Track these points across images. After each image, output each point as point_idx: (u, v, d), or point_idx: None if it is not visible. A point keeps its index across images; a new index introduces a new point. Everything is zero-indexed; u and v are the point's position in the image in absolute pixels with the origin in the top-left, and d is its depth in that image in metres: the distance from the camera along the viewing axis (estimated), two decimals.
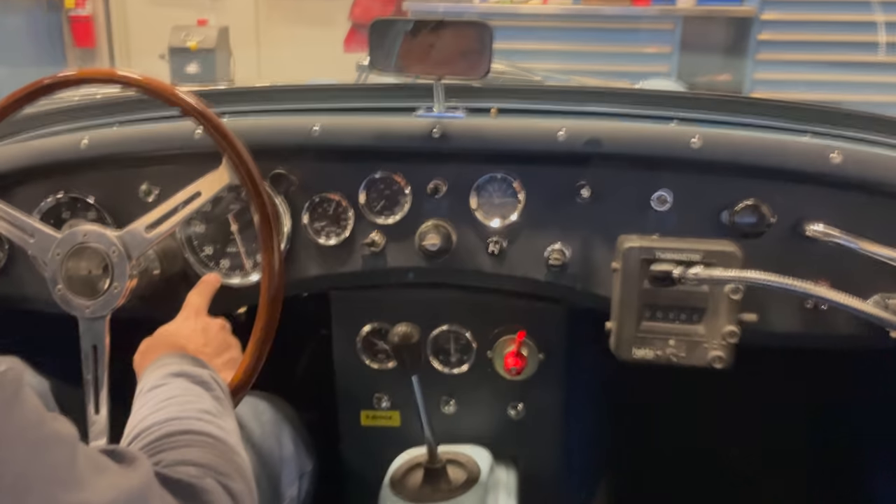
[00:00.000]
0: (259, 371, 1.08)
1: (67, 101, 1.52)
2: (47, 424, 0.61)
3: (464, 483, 1.26)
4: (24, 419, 0.59)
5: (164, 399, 0.89)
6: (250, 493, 0.82)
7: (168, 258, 1.27)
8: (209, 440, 0.83)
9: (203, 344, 1.05)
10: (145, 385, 0.93)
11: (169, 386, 0.92)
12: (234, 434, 0.88)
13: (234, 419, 0.93)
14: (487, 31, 1.14)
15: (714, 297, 1.09)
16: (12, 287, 1.34)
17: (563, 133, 1.18)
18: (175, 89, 1.07)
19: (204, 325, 1.10)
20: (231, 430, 0.88)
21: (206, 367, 0.97)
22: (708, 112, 1.37)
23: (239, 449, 0.86)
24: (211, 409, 0.89)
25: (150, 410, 0.87)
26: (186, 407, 0.87)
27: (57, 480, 0.59)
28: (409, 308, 1.30)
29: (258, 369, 1.08)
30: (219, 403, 0.92)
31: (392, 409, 1.38)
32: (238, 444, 0.87)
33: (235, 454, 0.84)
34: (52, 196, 1.29)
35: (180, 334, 1.06)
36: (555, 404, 1.36)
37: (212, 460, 0.79)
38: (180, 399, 0.89)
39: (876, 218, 1.13)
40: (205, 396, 0.91)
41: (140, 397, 0.92)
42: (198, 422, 0.85)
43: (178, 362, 0.96)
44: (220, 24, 4.94)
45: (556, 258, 1.21)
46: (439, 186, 1.23)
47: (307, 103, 1.44)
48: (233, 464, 0.82)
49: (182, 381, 0.93)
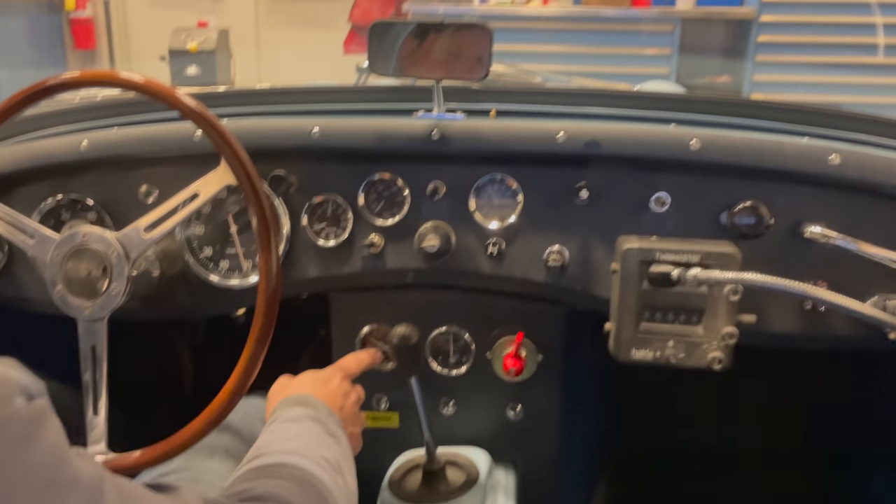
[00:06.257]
0: (257, 372, 1.08)
1: (67, 102, 1.52)
2: (65, 466, 0.56)
3: (462, 484, 1.26)
4: (34, 462, 0.54)
5: (295, 434, 0.95)
6: None
7: (167, 260, 1.27)
8: (314, 486, 0.85)
9: (339, 408, 1.09)
10: (282, 415, 1.00)
11: (303, 425, 0.98)
12: (343, 491, 0.91)
13: (353, 479, 0.97)
14: (487, 33, 1.14)
15: (713, 298, 1.09)
16: (11, 288, 1.34)
17: (563, 135, 1.18)
18: (175, 91, 1.07)
19: (346, 390, 1.14)
20: (342, 487, 0.91)
21: (339, 424, 1.03)
22: (707, 114, 1.37)
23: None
24: (331, 460, 0.92)
25: (278, 437, 0.94)
26: (311, 448, 0.92)
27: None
28: (408, 309, 1.31)
29: (256, 370, 1.08)
30: (342, 460, 0.96)
31: (391, 410, 1.38)
32: (345, 502, 0.90)
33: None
34: (51, 197, 1.30)
35: (325, 388, 1.10)
36: (554, 405, 1.36)
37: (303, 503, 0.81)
38: (308, 439, 0.94)
39: (875, 219, 1.13)
40: (333, 447, 0.96)
41: (274, 424, 0.99)
42: (315, 465, 0.88)
43: (318, 408, 1.02)
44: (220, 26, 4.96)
45: (554, 259, 1.21)
46: (438, 188, 1.23)
47: (307, 105, 1.44)
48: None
49: (316, 426, 0.98)
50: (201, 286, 1.30)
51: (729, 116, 1.37)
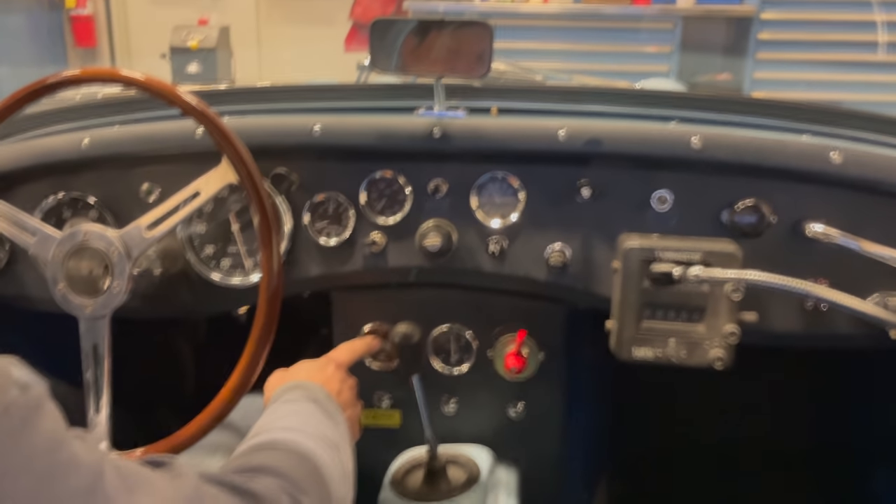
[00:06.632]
0: (258, 371, 1.08)
1: (68, 100, 1.52)
2: (64, 450, 0.58)
3: (464, 483, 1.26)
4: (33, 448, 0.55)
5: (292, 413, 0.96)
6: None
7: (169, 258, 1.27)
8: (311, 459, 0.86)
9: (337, 392, 1.09)
10: (280, 397, 1.01)
11: (301, 405, 0.98)
12: (339, 468, 0.91)
13: (350, 459, 0.97)
14: (488, 31, 1.14)
15: (714, 296, 1.09)
16: (13, 286, 1.34)
17: (564, 133, 1.18)
18: (176, 89, 1.07)
19: (341, 377, 1.14)
20: (338, 464, 0.91)
21: (336, 407, 1.03)
22: (708, 112, 1.37)
23: (337, 484, 0.88)
24: (329, 438, 0.93)
25: (276, 417, 0.94)
26: (308, 425, 0.93)
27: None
28: (409, 308, 1.31)
29: (258, 369, 1.08)
30: (339, 439, 0.96)
31: (392, 408, 1.38)
32: (341, 479, 0.90)
33: (329, 484, 0.86)
34: (53, 196, 1.29)
35: (319, 374, 1.10)
36: (555, 404, 1.36)
37: (299, 478, 0.82)
38: (306, 418, 0.95)
39: (876, 217, 1.13)
40: (329, 426, 0.96)
41: (272, 405, 0.99)
42: (311, 441, 0.89)
43: (315, 391, 1.02)
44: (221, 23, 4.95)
45: (556, 258, 1.21)
46: (440, 186, 1.23)
47: (308, 103, 1.44)
48: (321, 491, 0.84)
49: (313, 406, 0.99)
50: (203, 284, 1.30)
51: (730, 114, 1.37)
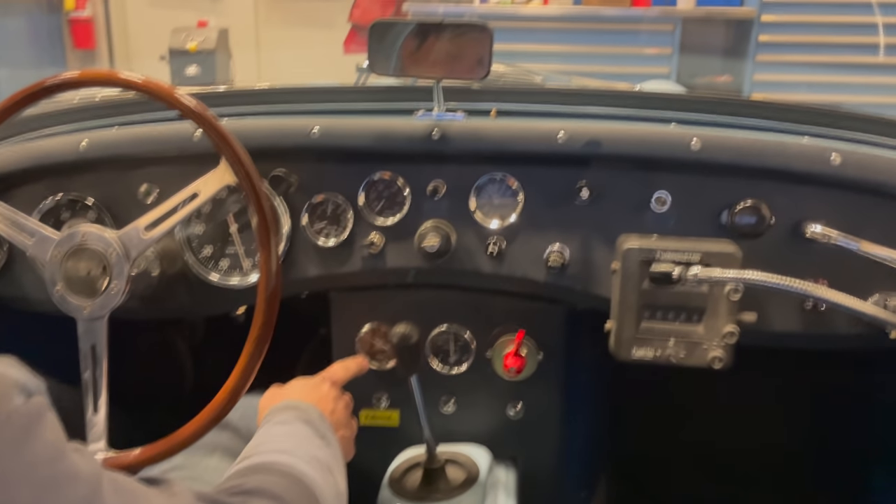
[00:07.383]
0: (256, 371, 1.08)
1: (67, 102, 1.52)
2: (64, 461, 0.58)
3: (463, 483, 1.26)
4: (35, 456, 0.55)
5: (285, 435, 0.96)
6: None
7: (167, 259, 1.27)
8: (304, 482, 0.87)
9: (330, 412, 1.10)
10: (273, 418, 1.02)
11: (294, 426, 0.99)
12: (333, 490, 0.92)
13: (343, 480, 0.98)
14: (487, 34, 1.14)
15: (713, 297, 1.09)
16: (11, 287, 1.34)
17: (563, 134, 1.18)
18: (175, 91, 1.07)
19: (335, 395, 1.15)
20: (331, 485, 0.92)
21: (329, 427, 1.04)
22: (707, 114, 1.37)
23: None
24: (322, 459, 0.94)
25: (269, 438, 0.95)
26: (301, 448, 0.94)
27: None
28: (408, 308, 1.31)
29: (255, 369, 1.08)
30: (332, 460, 0.97)
31: (391, 408, 1.38)
32: (334, 501, 0.91)
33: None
34: (51, 197, 1.30)
35: (314, 393, 1.11)
36: (554, 404, 1.36)
37: (293, 500, 0.83)
38: (298, 440, 0.96)
39: (875, 219, 1.13)
40: (321, 447, 0.97)
41: (265, 427, 1.00)
42: (304, 463, 0.90)
43: (308, 411, 1.04)
44: (219, 25, 4.95)
45: (555, 259, 1.21)
46: (439, 187, 1.23)
47: (307, 105, 1.44)
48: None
49: (306, 428, 0.99)
50: (201, 285, 1.30)
51: (729, 116, 1.37)
